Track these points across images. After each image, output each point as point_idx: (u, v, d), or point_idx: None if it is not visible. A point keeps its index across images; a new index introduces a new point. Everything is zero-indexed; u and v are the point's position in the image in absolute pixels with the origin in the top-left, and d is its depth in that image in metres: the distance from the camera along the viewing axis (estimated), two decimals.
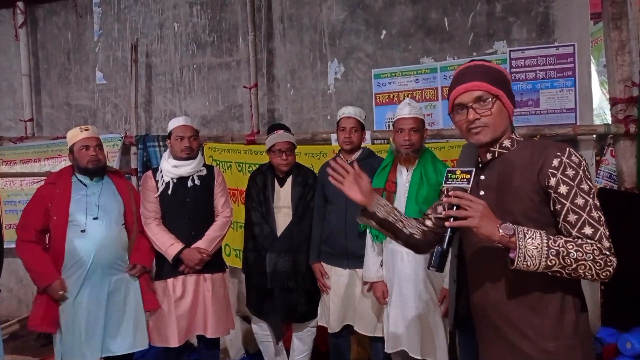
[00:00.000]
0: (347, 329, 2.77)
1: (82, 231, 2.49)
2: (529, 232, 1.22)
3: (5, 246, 2.59)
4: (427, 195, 2.32)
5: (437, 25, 3.58)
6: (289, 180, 2.81)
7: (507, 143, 1.40)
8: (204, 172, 2.79)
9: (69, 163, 2.68)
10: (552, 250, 1.20)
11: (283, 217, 2.78)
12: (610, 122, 3.24)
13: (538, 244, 1.20)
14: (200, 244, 2.68)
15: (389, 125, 3.64)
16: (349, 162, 2.67)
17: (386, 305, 2.47)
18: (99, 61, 4.47)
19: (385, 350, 2.49)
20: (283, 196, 2.79)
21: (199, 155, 2.80)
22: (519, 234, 1.21)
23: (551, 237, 1.23)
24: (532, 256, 1.20)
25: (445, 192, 1.45)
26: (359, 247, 2.57)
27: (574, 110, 3.28)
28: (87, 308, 2.49)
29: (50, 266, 2.46)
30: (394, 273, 2.43)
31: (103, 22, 4.44)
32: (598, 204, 1.27)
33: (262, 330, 2.87)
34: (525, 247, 1.20)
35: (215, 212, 2.82)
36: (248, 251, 2.81)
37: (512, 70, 3.38)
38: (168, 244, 2.64)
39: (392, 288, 2.45)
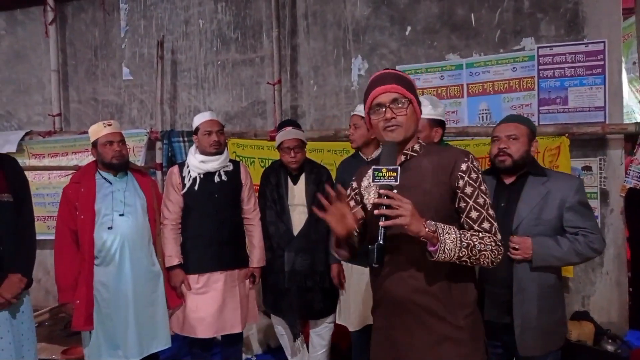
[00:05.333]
0: (370, 327, 2.76)
1: (109, 228, 2.53)
2: (446, 227, 1.38)
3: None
4: None
5: (463, 22, 3.54)
6: (302, 177, 2.79)
7: (416, 147, 1.55)
8: (230, 167, 2.80)
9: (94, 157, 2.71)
10: (464, 243, 1.38)
11: (298, 215, 2.77)
12: None
13: (454, 238, 1.38)
14: (253, 259, 2.77)
15: None
16: (368, 159, 2.68)
17: None
18: (125, 57, 4.54)
19: None
20: (297, 194, 2.77)
21: (225, 150, 2.80)
22: (439, 229, 1.37)
23: (461, 231, 1.41)
24: (449, 249, 1.37)
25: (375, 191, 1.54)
26: None
27: (604, 108, 3.21)
28: (118, 304, 2.54)
29: (72, 284, 2.51)
30: None
31: (129, 19, 4.50)
32: (490, 201, 1.50)
33: (281, 324, 2.88)
34: (445, 241, 1.36)
35: (247, 213, 2.82)
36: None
37: (540, 67, 3.33)
38: (167, 254, 2.67)
39: None
